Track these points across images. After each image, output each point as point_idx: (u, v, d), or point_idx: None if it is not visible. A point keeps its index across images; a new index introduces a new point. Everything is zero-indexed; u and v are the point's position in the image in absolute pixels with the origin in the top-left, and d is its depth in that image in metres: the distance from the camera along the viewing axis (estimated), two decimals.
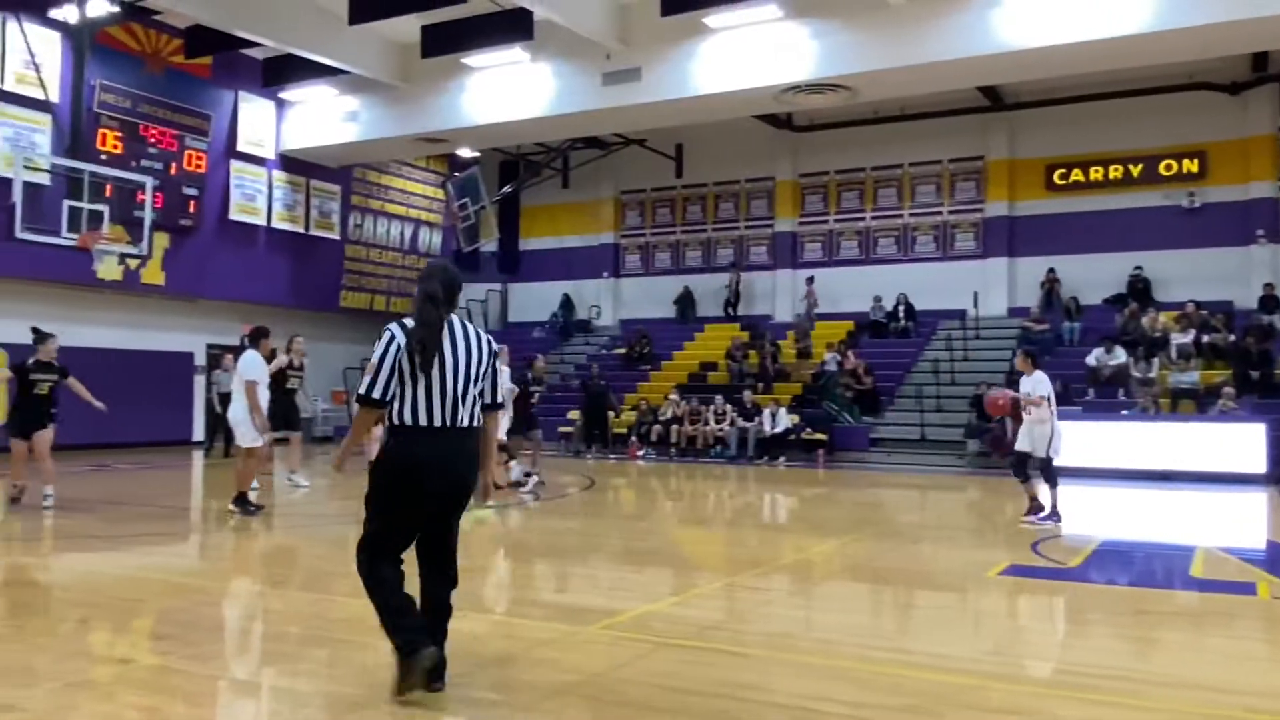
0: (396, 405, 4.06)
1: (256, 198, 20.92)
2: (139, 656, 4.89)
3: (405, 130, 19.82)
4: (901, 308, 21.53)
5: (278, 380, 12.32)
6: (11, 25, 16.26)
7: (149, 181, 16.12)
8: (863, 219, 23.21)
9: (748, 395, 19.01)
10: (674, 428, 19.14)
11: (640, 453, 19.16)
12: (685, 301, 24.51)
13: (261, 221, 21.03)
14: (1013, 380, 17.98)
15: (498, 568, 7.93)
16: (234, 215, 20.37)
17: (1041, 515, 9.64)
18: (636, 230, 25.84)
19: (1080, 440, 15.75)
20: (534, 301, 26.35)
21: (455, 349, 4.10)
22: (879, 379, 19.20)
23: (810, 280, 23.15)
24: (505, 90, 18.40)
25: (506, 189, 24.96)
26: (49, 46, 16.75)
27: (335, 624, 5.45)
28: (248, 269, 20.73)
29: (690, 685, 4.35)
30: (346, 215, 23.09)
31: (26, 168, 14.47)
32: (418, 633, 4.05)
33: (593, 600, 6.48)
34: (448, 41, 16.68)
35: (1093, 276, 20.26)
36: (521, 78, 18.20)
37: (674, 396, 19.69)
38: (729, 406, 18.90)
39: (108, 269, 17.35)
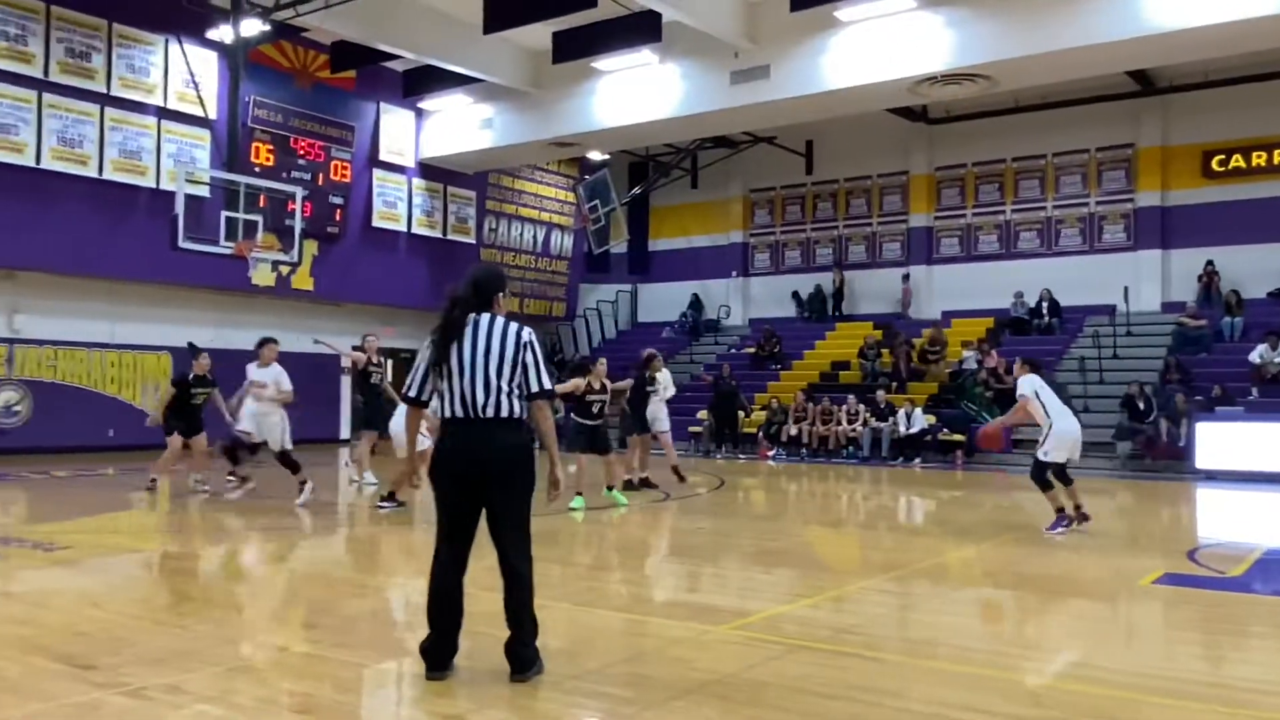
0: (440, 401, 4.35)
1: (397, 204, 21.71)
2: (292, 644, 5.13)
3: (537, 135, 20.22)
4: (1045, 303, 20.68)
5: (362, 379, 12.87)
6: (173, 47, 17.35)
7: (299, 191, 16.91)
8: (1003, 212, 22.42)
9: (881, 395, 18.63)
10: (805, 428, 18.91)
11: (771, 453, 19.01)
12: (816, 300, 24.18)
13: (402, 228, 21.81)
14: (1166, 380, 17.14)
15: (628, 566, 8.00)
16: (376, 222, 21.19)
17: (1062, 525, 8.89)
18: (766, 228, 25.64)
19: (1243, 442, 14.84)
20: (663, 302, 26.48)
21: (477, 344, 4.30)
22: None
23: (906, 278, 22.66)
24: (634, 93, 18.55)
25: (636, 190, 25.15)
26: (207, 66, 17.81)
27: (474, 617, 5.59)
28: (389, 273, 21.53)
29: (823, 688, 4.29)
30: (482, 220, 23.71)
31: (188, 181, 15.39)
32: (436, 635, 4.34)
33: (724, 600, 6.46)
34: (578, 46, 16.93)
35: (1255, 268, 19.04)
36: (650, 80, 18.32)
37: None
38: (861, 406, 18.56)
39: (262, 275, 18.31)
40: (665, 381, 13.37)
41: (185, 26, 17.01)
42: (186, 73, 17.30)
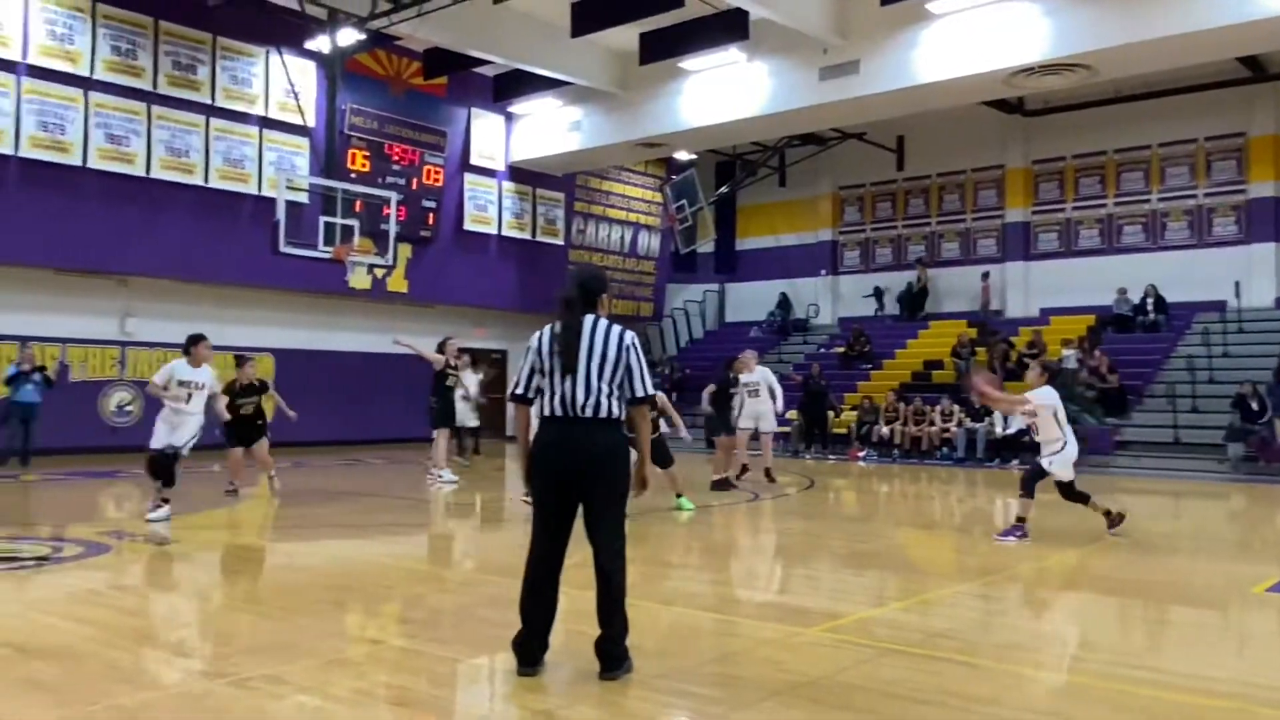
0: (540, 400, 4.42)
1: (488, 208, 22.05)
2: (388, 638, 5.25)
3: (625, 136, 20.31)
4: (1150, 300, 19.93)
5: (438, 379, 13.11)
6: (274, 58, 17.94)
7: (393, 196, 17.32)
8: (1104, 205, 21.68)
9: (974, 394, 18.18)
10: (897, 428, 18.59)
11: (861, 454, 18.74)
12: (907, 298, 23.74)
13: (492, 230, 22.15)
14: None
15: (717, 566, 7.97)
16: (468, 225, 21.55)
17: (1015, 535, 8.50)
18: (856, 226, 25.29)
19: None
20: (751, 301, 26.32)
21: (581, 346, 4.36)
22: (1124, 377, 17.84)
23: (986, 276, 22.18)
24: (721, 91, 18.49)
25: (723, 189, 25.06)
26: (305, 76, 18.36)
27: (566, 614, 5.65)
28: (480, 275, 21.88)
29: (916, 693, 4.20)
30: (570, 221, 23.92)
31: (288, 188, 15.89)
32: (528, 632, 4.39)
33: (814, 602, 6.39)
34: (665, 47, 16.95)
35: None
36: (738, 78, 18.23)
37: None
38: (956, 407, 18.16)
39: (358, 279, 18.80)
40: (760, 380, 13.26)
41: (285, 38, 17.56)
42: (286, 83, 17.86)
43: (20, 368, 14.70)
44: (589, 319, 4.44)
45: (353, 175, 18.60)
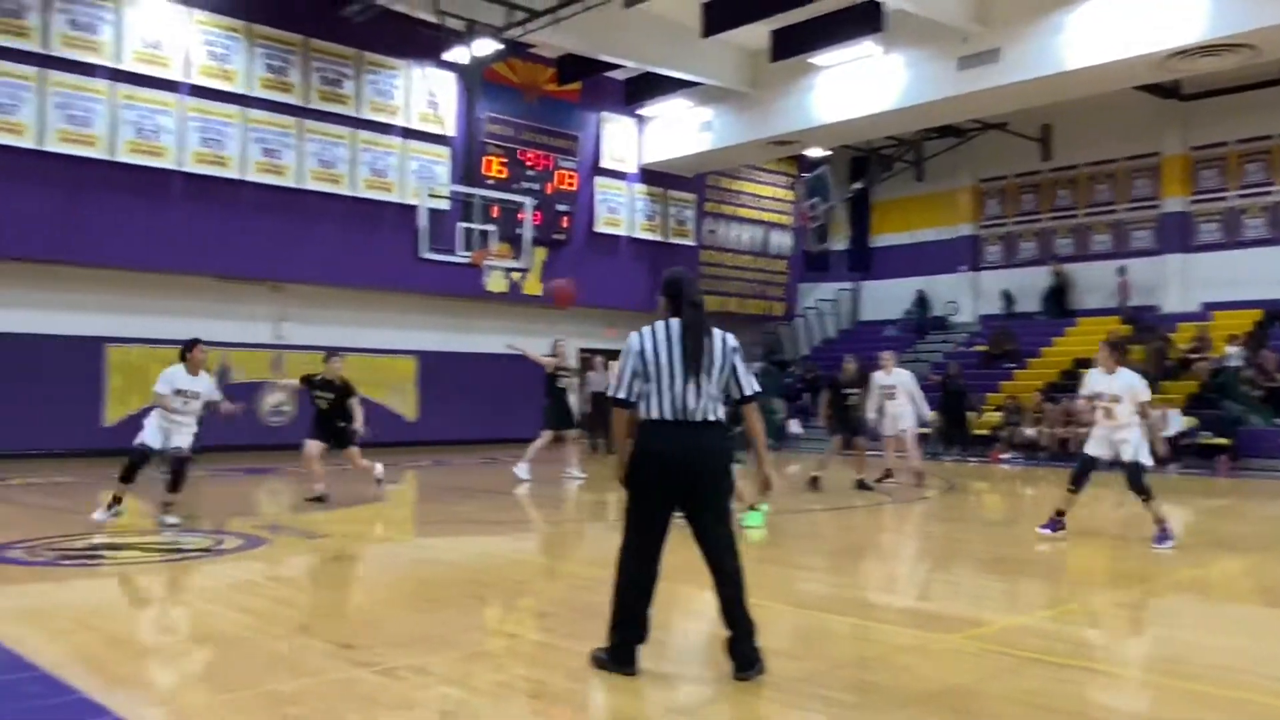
0: (643, 404, 4.37)
1: (619, 210, 22.29)
2: (524, 632, 5.37)
3: (756, 135, 20.18)
4: None
5: (550, 381, 13.28)
6: (415, 71, 18.59)
7: (528, 201, 17.72)
8: (1271, 193, 20.29)
9: None
10: (1043, 430, 17.86)
11: (1004, 456, 18.08)
12: (1056, 293, 22.78)
13: (624, 232, 22.37)
14: None
15: (852, 568, 7.83)
16: (600, 228, 21.84)
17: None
18: (997, 220, 24.41)
19: None
20: (886, 299, 25.72)
21: (709, 351, 4.37)
22: None
23: (1122, 271, 21.25)
24: (855, 86, 18.16)
25: (857, 185, 24.61)
26: (445, 87, 18.96)
27: (692, 614, 5.65)
28: (612, 277, 22.12)
29: (1063, 706, 4.03)
30: (701, 222, 23.93)
31: (430, 196, 16.46)
32: (629, 632, 4.37)
33: (955, 608, 6.20)
34: (797, 43, 16.77)
35: None
36: (872, 71, 17.87)
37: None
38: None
39: (495, 282, 19.30)
40: (897, 383, 12.96)
41: (425, 51, 18.18)
42: (427, 94, 18.49)
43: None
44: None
45: (489, 182, 19.11)
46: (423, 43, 17.90)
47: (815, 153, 22.99)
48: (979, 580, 7.20)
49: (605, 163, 21.83)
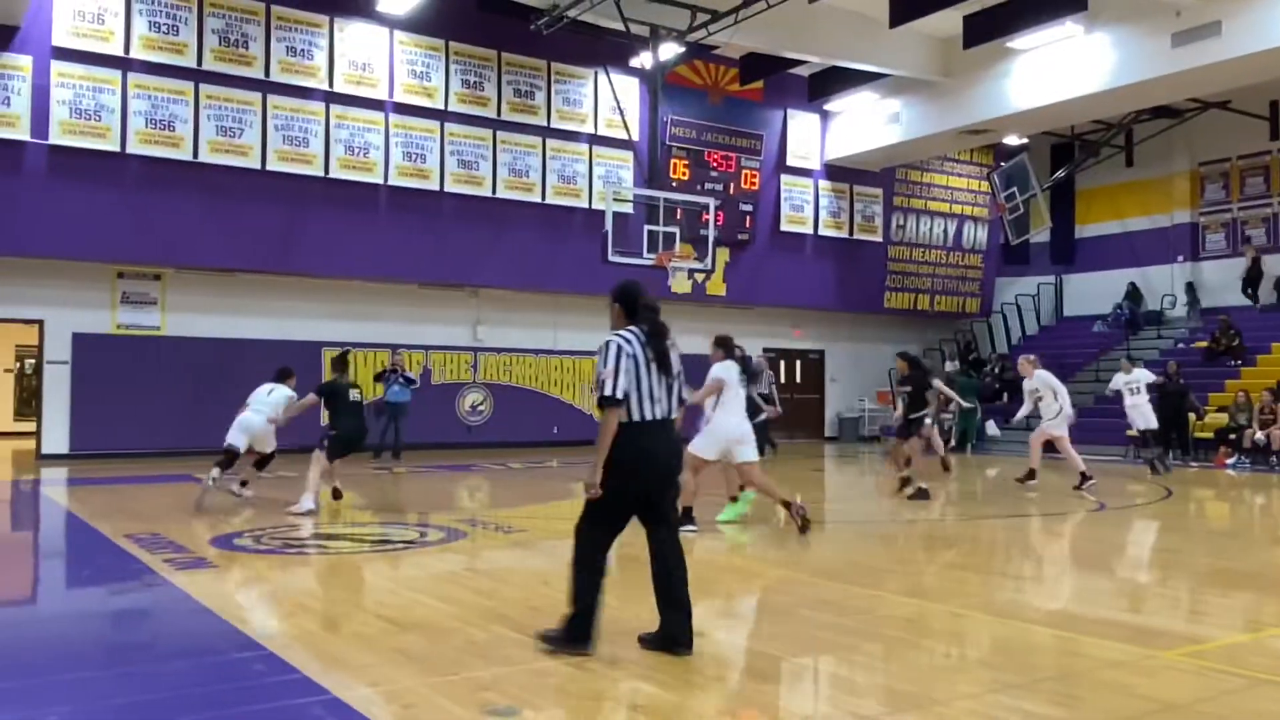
0: (629, 405, 4.60)
1: (804, 208, 22.01)
2: (710, 631, 5.37)
3: (948, 125, 19.48)
4: None
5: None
6: (601, 78, 19.01)
7: (711, 202, 17.77)
8: None
9: None
10: (1274, 433, 16.35)
11: (1229, 461, 16.68)
12: (1248, 283, 20.84)
13: (809, 230, 22.07)
14: None
15: (1056, 578, 7.41)
16: (784, 226, 21.64)
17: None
18: (1220, 205, 22.53)
19: None
20: (1092, 293, 24.19)
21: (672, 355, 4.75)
22: None
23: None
24: (1056, 69, 17.22)
25: (1059, 174, 23.30)
26: (629, 92, 19.29)
27: (887, 620, 5.51)
28: (796, 276, 21.89)
29: None
30: (889, 217, 23.31)
31: (616, 200, 16.78)
32: (590, 617, 4.61)
33: (1171, 623, 5.77)
34: (992, 28, 16.05)
35: None
36: (1075, 53, 16.89)
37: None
38: None
39: (679, 284, 19.45)
40: (1040, 385, 12.38)
41: (610, 58, 18.56)
42: (612, 100, 18.87)
43: (387, 370, 16.57)
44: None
45: (674, 184, 19.29)
46: (608, 50, 18.28)
47: (1012, 140, 21.94)
48: (1199, 594, 6.66)
49: (789, 160, 21.62)
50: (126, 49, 15.32)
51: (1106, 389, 17.05)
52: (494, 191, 18.22)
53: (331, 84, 16.83)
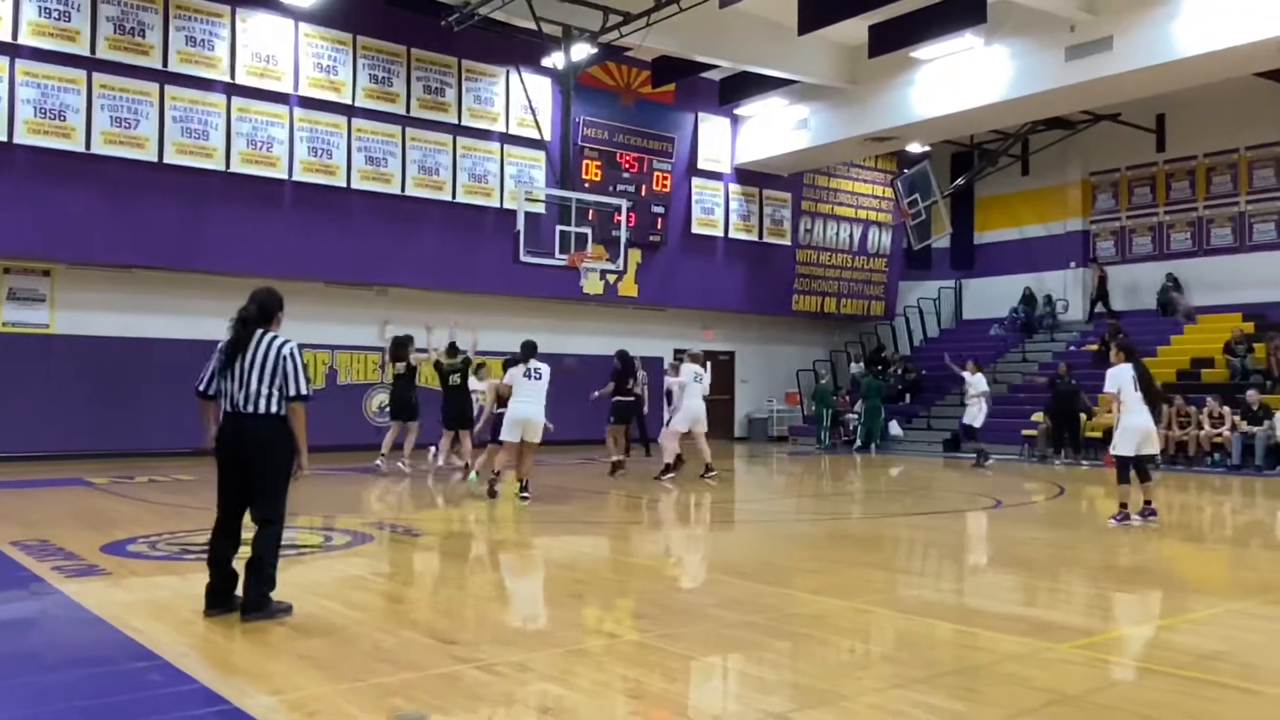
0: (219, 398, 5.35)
1: (714, 210, 22.23)
2: (623, 632, 5.38)
3: (854, 131, 19.90)
4: None
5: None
6: (513, 76, 18.88)
7: (624, 203, 17.81)
8: None
9: (1253, 395, 16.46)
10: (1160, 432, 17.11)
11: None
12: (1165, 294, 21.87)
13: (719, 233, 22.30)
14: None
15: (955, 574, 7.64)
16: (695, 229, 21.82)
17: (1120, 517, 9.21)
18: (1110, 214, 23.52)
19: None
20: (991, 297, 25.00)
21: (253, 355, 5.26)
22: None
23: (1174, 283, 21.35)
24: (957, 79, 17.74)
25: (959, 181, 24.02)
26: (541, 92, 19.21)
27: (795, 618, 5.59)
28: (707, 278, 22.10)
29: (1185, 719, 3.85)
30: (797, 221, 23.70)
31: (527, 200, 16.69)
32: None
33: (1066, 617, 5.99)
34: (896, 37, 16.46)
35: None
36: (975, 64, 17.44)
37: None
38: (1226, 409, 16.51)
39: (592, 285, 19.46)
40: (688, 375, 13.59)
41: (522, 57, 18.45)
42: (524, 100, 18.76)
43: None
44: (258, 334, 5.31)
45: (586, 185, 19.28)
46: (520, 49, 18.17)
47: (915, 148, 22.55)
48: (1090, 588, 6.94)
49: (701, 163, 21.82)
50: (14, 34, 14.65)
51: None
52: (403, 189, 17.94)
53: (233, 76, 16.35)
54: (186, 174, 15.94)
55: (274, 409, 5.27)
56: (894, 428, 21.23)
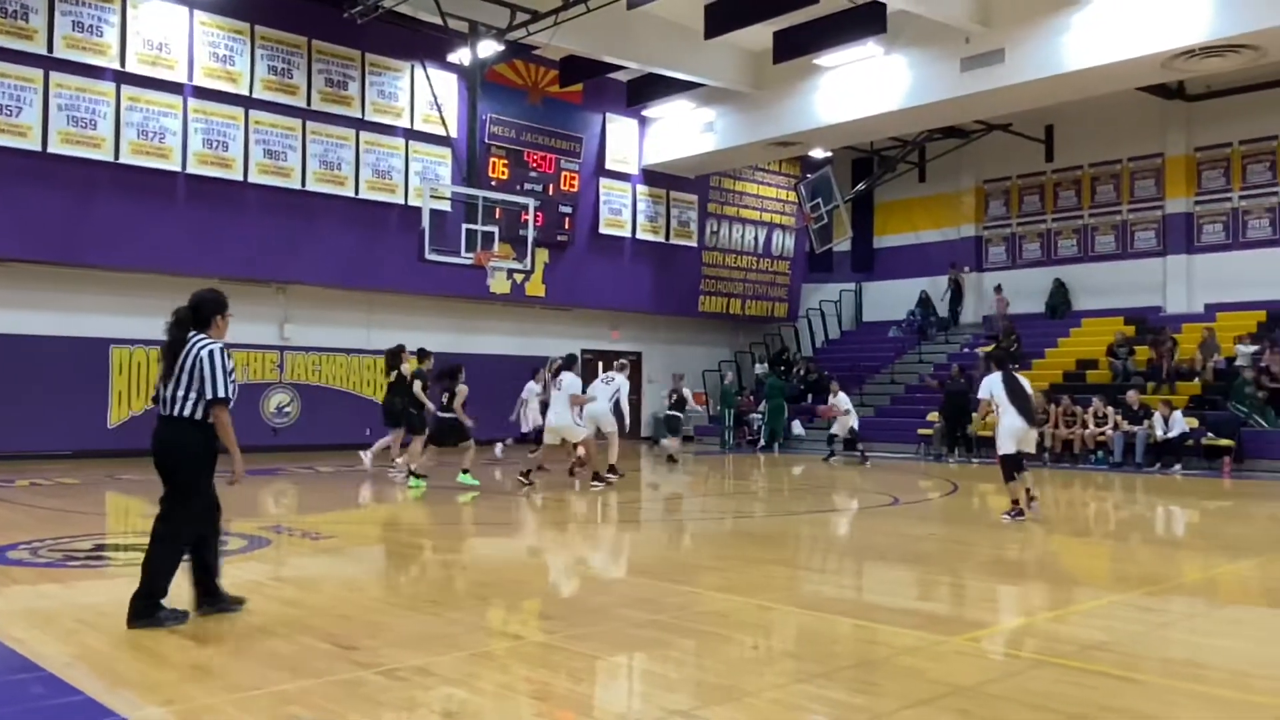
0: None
1: (622, 211, 22.28)
2: (529, 634, 5.36)
3: (759, 136, 20.19)
4: None
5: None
6: (418, 71, 18.59)
7: (531, 203, 17.71)
8: (1275, 193, 20.27)
9: (1133, 395, 17.26)
10: (1047, 431, 17.81)
11: None
12: (1058, 294, 22.80)
13: (627, 234, 22.36)
14: None
15: (855, 570, 7.81)
16: (603, 229, 21.84)
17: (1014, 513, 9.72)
18: (1001, 221, 24.38)
19: None
20: (889, 300, 25.71)
21: (182, 358, 5.23)
22: None
23: (999, 289, 22.55)
24: (858, 87, 18.16)
25: (860, 187, 24.60)
26: (447, 88, 18.96)
27: (700, 616, 5.65)
28: (615, 278, 22.13)
29: (1071, 708, 4.01)
30: (704, 223, 23.93)
31: (433, 197, 16.47)
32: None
33: (959, 610, 6.19)
34: (799, 44, 16.75)
35: None
36: (875, 73, 17.87)
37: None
38: (1110, 409, 17.27)
39: (498, 284, 19.30)
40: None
41: (428, 52, 18.19)
42: (430, 95, 18.49)
43: None
44: (192, 335, 5.29)
45: (493, 183, 19.11)
46: (425, 44, 17.91)
47: (818, 153, 23.00)
48: (982, 582, 7.18)
49: (608, 164, 21.84)
50: None
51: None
52: (303, 184, 17.49)
53: (124, 63, 15.72)
54: (72, 164, 15.26)
55: (187, 412, 5.20)
56: (796, 427, 21.61)
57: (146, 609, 5.08)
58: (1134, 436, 16.71)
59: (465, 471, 12.61)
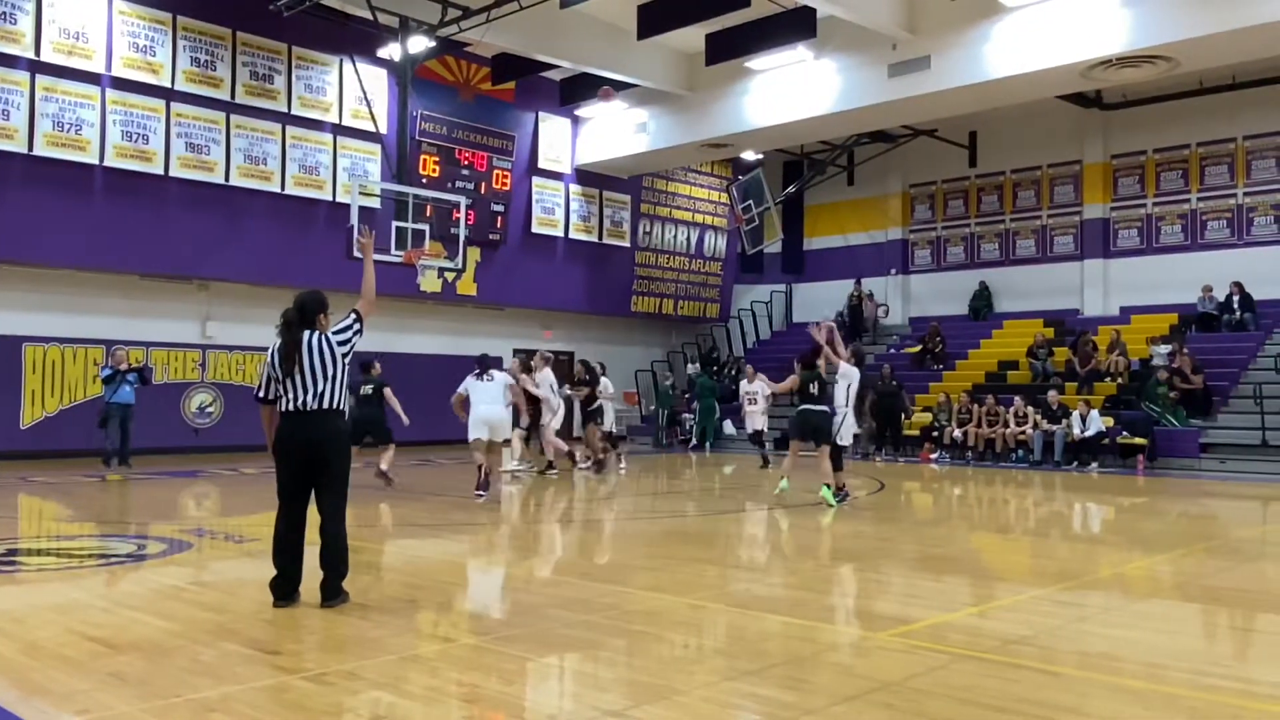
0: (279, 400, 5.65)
1: (555, 211, 22.21)
2: (459, 636, 5.31)
3: (691, 137, 20.30)
4: (1236, 297, 19.25)
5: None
6: (347, 66, 18.28)
7: (463, 201, 17.56)
8: (1187, 200, 21.03)
9: (1053, 395, 17.76)
10: (970, 430, 18.25)
11: (933, 456, 18.44)
12: (981, 297, 23.35)
13: (559, 233, 22.29)
14: None
15: (784, 569, 7.90)
16: (535, 228, 21.74)
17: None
18: (927, 224, 24.89)
19: None
20: (819, 301, 26.00)
21: (308, 355, 5.68)
22: (1209, 378, 17.25)
23: (870, 296, 23.91)
24: (789, 90, 18.37)
25: (790, 189, 24.88)
26: (377, 84, 18.68)
27: (631, 615, 5.66)
28: (547, 278, 22.05)
29: (993, 701, 4.11)
30: (636, 223, 23.97)
31: (361, 194, 16.22)
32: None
33: (885, 607, 6.30)
34: (731, 47, 16.90)
35: None
36: (805, 77, 18.09)
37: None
38: (1030, 408, 17.75)
39: (429, 282, 19.10)
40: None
41: (357, 47, 17.90)
42: (359, 90, 18.19)
43: (117, 368, 14.88)
44: (307, 334, 5.73)
45: (424, 180, 18.88)
46: (354, 38, 17.62)
47: (749, 156, 23.21)
48: (908, 579, 7.31)
49: (541, 163, 21.75)
50: None
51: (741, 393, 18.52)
52: (227, 179, 17.08)
53: (38, 52, 15.17)
54: None
55: (337, 403, 5.70)
56: (728, 427, 21.78)
57: (338, 590, 5.62)
58: (1053, 435, 17.19)
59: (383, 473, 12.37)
